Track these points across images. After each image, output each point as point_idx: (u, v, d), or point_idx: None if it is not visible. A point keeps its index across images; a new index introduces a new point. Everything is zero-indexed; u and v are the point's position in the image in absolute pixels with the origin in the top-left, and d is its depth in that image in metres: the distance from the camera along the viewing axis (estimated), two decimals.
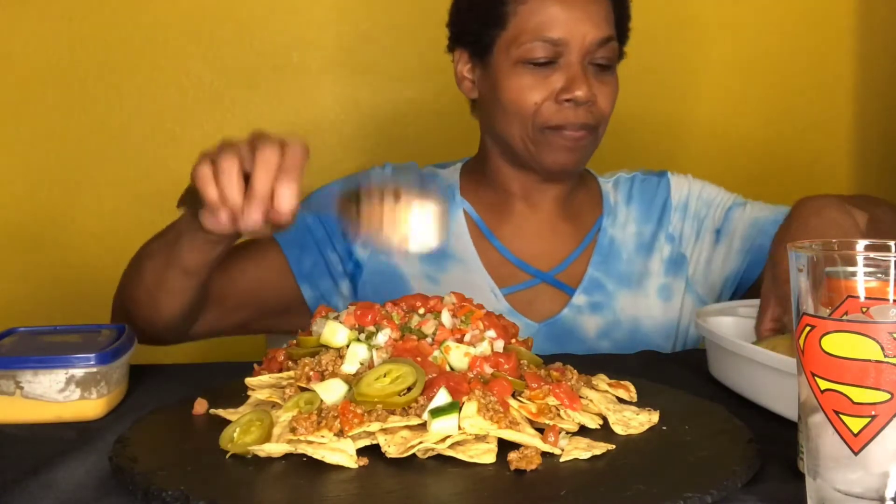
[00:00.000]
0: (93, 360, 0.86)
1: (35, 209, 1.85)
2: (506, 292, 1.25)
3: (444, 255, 1.26)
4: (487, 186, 1.30)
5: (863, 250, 0.60)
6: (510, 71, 1.18)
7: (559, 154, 1.19)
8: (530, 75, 1.17)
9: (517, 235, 1.29)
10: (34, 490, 0.67)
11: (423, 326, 0.81)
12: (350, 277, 1.28)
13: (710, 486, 0.61)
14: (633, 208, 1.32)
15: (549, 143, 1.19)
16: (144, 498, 0.63)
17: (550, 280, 1.27)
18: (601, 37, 1.17)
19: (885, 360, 0.54)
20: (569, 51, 1.16)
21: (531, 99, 1.17)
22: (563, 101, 1.16)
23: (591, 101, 1.17)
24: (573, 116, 1.16)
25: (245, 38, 1.87)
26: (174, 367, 1.11)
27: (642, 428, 0.75)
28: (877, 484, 0.56)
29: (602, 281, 1.27)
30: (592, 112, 1.18)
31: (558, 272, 1.27)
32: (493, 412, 0.70)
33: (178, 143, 1.86)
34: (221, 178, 0.86)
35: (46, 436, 0.82)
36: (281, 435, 0.70)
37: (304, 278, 1.25)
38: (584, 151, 1.21)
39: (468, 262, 1.26)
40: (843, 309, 0.56)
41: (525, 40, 1.16)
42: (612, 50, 1.20)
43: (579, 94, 1.15)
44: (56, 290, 1.83)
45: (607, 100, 1.20)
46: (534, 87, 1.17)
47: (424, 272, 1.26)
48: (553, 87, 1.17)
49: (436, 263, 1.26)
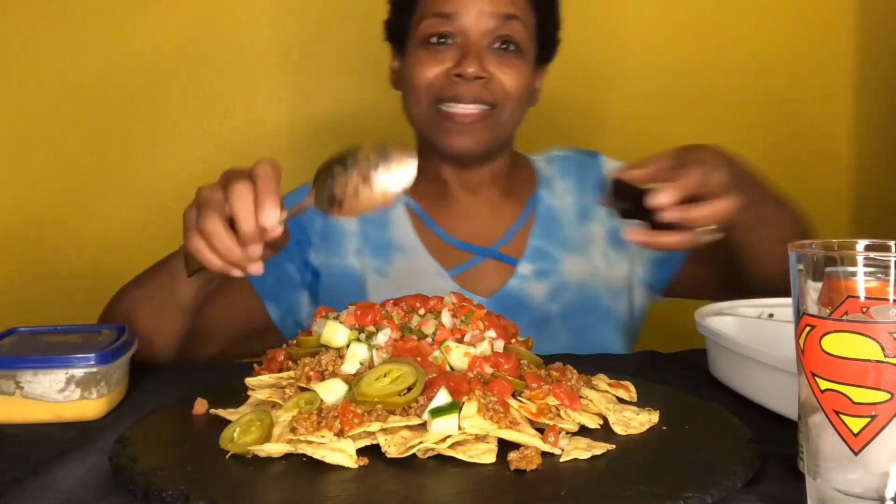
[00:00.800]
0: (93, 360, 0.86)
1: (35, 209, 1.85)
2: (452, 273, 1.28)
3: (391, 248, 1.30)
4: (425, 178, 1.33)
5: (863, 250, 0.60)
6: (413, 52, 1.23)
7: (453, 137, 1.21)
8: (427, 53, 1.21)
9: (458, 219, 1.32)
10: (34, 490, 0.67)
11: (423, 326, 0.81)
12: (309, 287, 1.30)
13: (710, 486, 0.61)
14: (569, 181, 1.36)
15: (442, 123, 1.21)
16: (144, 498, 0.63)
17: (493, 254, 1.30)
18: (500, 13, 1.19)
19: (885, 360, 0.54)
20: (464, 27, 1.19)
21: (425, 74, 1.20)
22: (454, 76, 1.19)
23: (484, 78, 1.19)
24: (464, 90, 1.18)
25: (245, 38, 1.87)
26: (174, 367, 1.11)
27: (642, 428, 0.75)
28: (877, 484, 0.56)
29: (545, 248, 1.30)
30: (489, 89, 1.20)
31: (501, 246, 1.31)
32: (493, 412, 0.70)
33: (178, 144, 1.86)
34: (213, 241, 0.86)
35: (46, 436, 0.82)
36: (281, 435, 0.70)
37: (268, 296, 1.27)
38: (479, 134, 1.22)
39: (413, 250, 1.29)
40: (843, 309, 0.56)
41: (424, 18, 1.21)
42: (515, 30, 1.20)
43: (469, 70, 1.17)
44: (56, 290, 1.83)
45: (510, 80, 1.21)
46: (429, 62, 1.20)
47: (374, 266, 1.29)
48: (447, 64, 1.20)
49: (383, 257, 1.30)
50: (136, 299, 1.11)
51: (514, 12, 1.20)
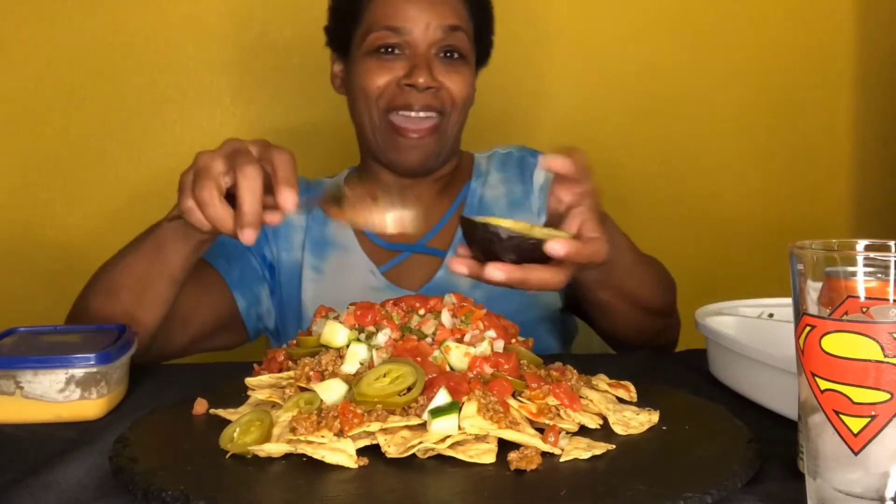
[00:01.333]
0: (93, 360, 0.86)
1: (35, 209, 1.85)
2: (383, 269, 1.31)
3: (329, 244, 1.33)
4: (366, 180, 1.38)
5: (863, 250, 0.60)
6: (361, 61, 1.25)
7: (403, 153, 1.26)
8: (377, 62, 1.24)
9: None
10: (34, 490, 0.67)
11: (423, 326, 0.81)
12: (268, 282, 1.32)
13: (710, 486, 0.61)
14: (504, 174, 1.38)
15: (393, 138, 1.25)
16: (144, 498, 0.63)
17: (420, 249, 1.33)
18: (445, 24, 1.23)
19: (885, 360, 0.54)
20: (413, 40, 1.23)
21: (375, 83, 1.23)
22: (405, 86, 1.22)
23: (434, 88, 1.23)
24: (416, 99, 1.22)
25: (245, 38, 1.87)
26: (174, 367, 1.11)
27: (642, 428, 0.75)
28: (877, 484, 0.56)
29: None
30: (439, 97, 1.24)
31: (428, 239, 1.34)
32: (493, 412, 0.70)
33: (178, 143, 1.86)
34: (206, 210, 0.87)
35: (46, 436, 0.82)
36: (281, 435, 0.70)
37: (236, 286, 1.28)
38: (429, 148, 1.26)
39: (349, 248, 1.33)
40: (843, 309, 0.56)
41: (373, 30, 1.24)
42: (459, 39, 1.25)
43: (420, 81, 1.21)
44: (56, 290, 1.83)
45: (457, 87, 1.25)
46: (379, 71, 1.23)
47: (310, 263, 1.32)
48: (397, 73, 1.23)
49: (320, 254, 1.33)
50: (120, 270, 1.08)
51: (457, 23, 1.25)
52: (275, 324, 1.34)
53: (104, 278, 1.11)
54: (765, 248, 1.89)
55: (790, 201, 2.01)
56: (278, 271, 1.33)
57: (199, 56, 1.86)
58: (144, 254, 1.05)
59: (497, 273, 0.81)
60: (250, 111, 1.89)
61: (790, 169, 2.01)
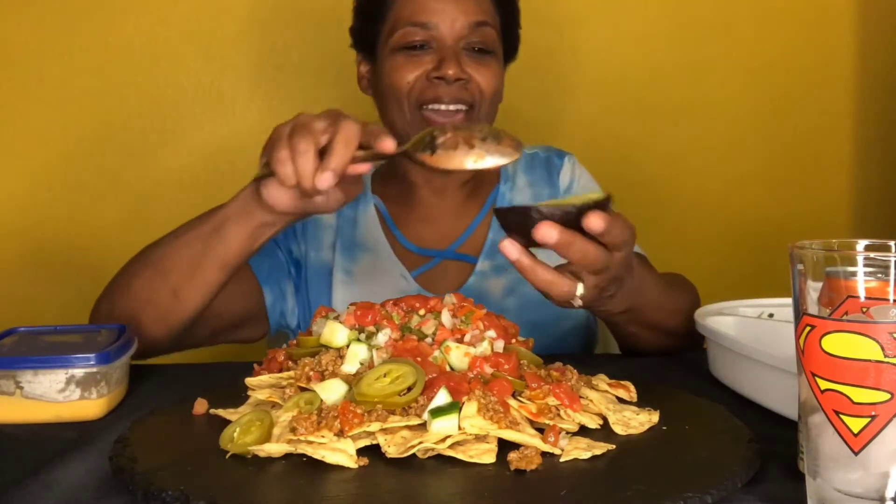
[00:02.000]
0: (93, 360, 0.86)
1: (35, 209, 1.85)
2: (415, 274, 1.31)
3: (359, 247, 1.33)
4: (394, 180, 1.37)
5: (863, 250, 0.60)
6: (389, 58, 1.26)
7: None
8: (404, 58, 1.24)
9: (421, 222, 1.35)
10: (34, 490, 0.67)
11: (423, 326, 0.81)
12: (293, 279, 1.32)
13: (710, 486, 0.61)
14: (531, 176, 1.39)
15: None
16: (144, 498, 0.63)
17: (451, 255, 1.33)
18: (471, 21, 1.23)
19: (885, 360, 0.54)
20: (440, 35, 1.23)
21: (405, 78, 1.24)
22: (434, 79, 1.22)
23: (463, 80, 1.23)
24: (445, 92, 1.22)
25: (245, 38, 1.87)
26: (174, 367, 1.11)
27: (642, 428, 0.75)
28: (877, 484, 0.56)
29: None
30: (468, 89, 1.24)
31: (458, 245, 1.34)
32: (493, 412, 0.70)
33: (178, 143, 1.86)
34: (299, 160, 0.88)
35: (46, 436, 0.82)
36: (281, 435, 0.70)
37: (265, 280, 1.28)
38: None
39: (380, 251, 1.33)
40: (843, 309, 0.56)
41: (399, 27, 1.24)
42: (486, 35, 1.25)
43: (449, 73, 1.21)
44: (56, 290, 1.84)
45: (486, 80, 1.25)
46: (407, 66, 1.24)
47: (341, 265, 1.32)
48: (426, 67, 1.23)
49: (351, 256, 1.32)
50: (174, 249, 1.05)
51: (484, 19, 1.25)
52: (297, 322, 1.33)
53: (154, 256, 1.07)
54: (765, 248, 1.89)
55: (790, 201, 2.01)
56: (305, 268, 1.32)
57: (200, 56, 1.86)
58: (202, 233, 1.02)
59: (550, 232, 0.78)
60: (251, 111, 1.89)
61: (790, 169, 2.01)
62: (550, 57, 1.92)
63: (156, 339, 1.07)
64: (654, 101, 1.95)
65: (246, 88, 1.88)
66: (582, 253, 0.81)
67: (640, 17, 1.94)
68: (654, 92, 1.95)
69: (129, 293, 1.08)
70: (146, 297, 1.06)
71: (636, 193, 1.91)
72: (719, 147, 1.98)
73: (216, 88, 1.87)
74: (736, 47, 1.96)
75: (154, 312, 1.06)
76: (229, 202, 1.01)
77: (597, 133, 1.94)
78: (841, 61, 2.00)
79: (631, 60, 1.95)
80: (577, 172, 1.40)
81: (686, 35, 1.95)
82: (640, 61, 1.95)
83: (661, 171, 1.97)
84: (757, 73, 1.97)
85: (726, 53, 1.96)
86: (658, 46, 1.94)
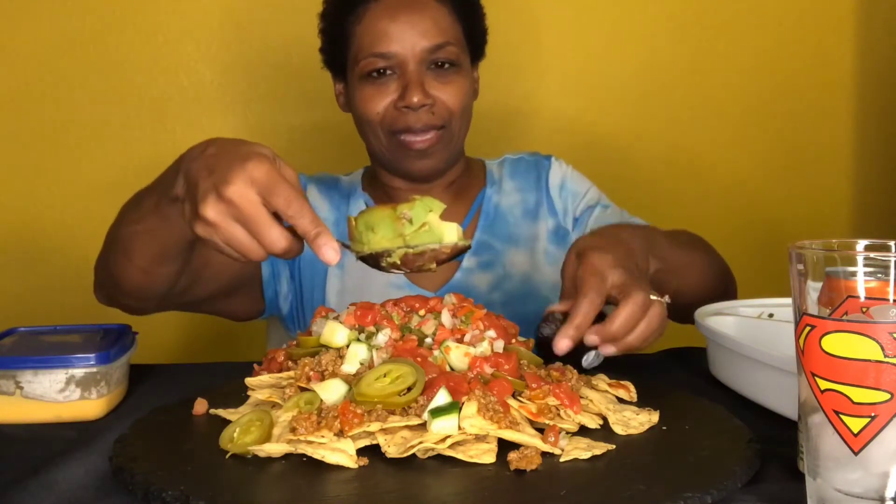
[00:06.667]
0: (93, 360, 0.86)
1: (35, 209, 1.85)
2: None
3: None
4: (378, 182, 1.39)
5: (863, 250, 0.60)
6: (357, 86, 1.28)
7: (415, 161, 1.28)
8: (371, 87, 1.26)
9: None
10: (34, 490, 0.67)
11: (423, 326, 0.81)
12: (288, 263, 1.32)
13: (710, 486, 0.61)
14: (516, 181, 1.42)
15: (402, 151, 1.27)
16: (144, 498, 0.63)
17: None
18: (431, 45, 1.24)
19: (885, 360, 0.54)
20: (402, 61, 1.24)
21: (374, 109, 1.26)
22: (401, 108, 1.24)
23: (428, 105, 1.24)
24: (414, 120, 1.24)
25: (245, 37, 1.87)
26: (174, 367, 1.11)
27: (642, 428, 0.75)
28: (877, 484, 0.56)
29: (490, 242, 1.36)
30: (436, 113, 1.25)
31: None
32: (493, 412, 0.70)
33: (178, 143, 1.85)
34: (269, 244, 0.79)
35: (46, 436, 0.82)
36: (281, 435, 0.70)
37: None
38: (438, 154, 1.29)
39: None
40: (843, 309, 0.56)
41: (362, 57, 1.25)
42: (449, 52, 1.26)
43: (414, 101, 1.22)
44: (56, 290, 1.83)
45: (452, 98, 1.26)
46: (375, 96, 1.26)
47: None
48: (392, 95, 1.25)
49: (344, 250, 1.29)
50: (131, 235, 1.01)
51: (444, 39, 1.25)
52: (290, 311, 1.34)
53: (117, 236, 1.06)
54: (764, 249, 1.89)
55: (790, 201, 2.01)
56: (300, 258, 1.32)
57: (200, 56, 1.86)
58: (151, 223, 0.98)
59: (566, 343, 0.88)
60: (251, 111, 1.89)
61: (790, 169, 2.01)
62: (551, 57, 1.92)
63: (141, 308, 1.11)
64: (655, 101, 1.96)
65: (246, 88, 1.88)
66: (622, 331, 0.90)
67: (641, 18, 1.94)
68: (655, 92, 1.95)
69: (111, 278, 1.07)
70: (119, 275, 1.04)
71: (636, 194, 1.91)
72: (719, 147, 1.98)
73: (215, 88, 1.87)
74: (736, 47, 1.96)
75: (130, 286, 1.04)
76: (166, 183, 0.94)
77: (597, 133, 1.94)
78: (841, 61, 2.00)
79: (631, 61, 1.95)
80: (565, 170, 1.42)
81: (686, 35, 1.95)
82: (640, 62, 1.95)
83: (661, 171, 1.97)
84: (757, 73, 1.97)
85: (726, 53, 1.96)
86: (658, 47, 1.95)
